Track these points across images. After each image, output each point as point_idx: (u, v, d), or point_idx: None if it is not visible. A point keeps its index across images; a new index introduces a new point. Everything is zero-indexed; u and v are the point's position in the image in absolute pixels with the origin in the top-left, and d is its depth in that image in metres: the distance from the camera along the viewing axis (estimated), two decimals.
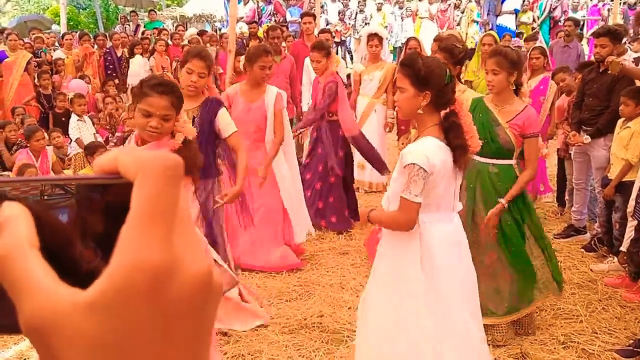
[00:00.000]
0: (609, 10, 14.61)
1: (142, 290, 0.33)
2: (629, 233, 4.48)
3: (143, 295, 0.34)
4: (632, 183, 4.57)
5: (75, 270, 0.36)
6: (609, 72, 4.89)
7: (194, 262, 0.36)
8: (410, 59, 2.75)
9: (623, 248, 4.57)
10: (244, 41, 11.48)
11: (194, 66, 3.74)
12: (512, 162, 3.67)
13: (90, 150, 6.34)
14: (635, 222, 4.29)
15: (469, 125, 2.69)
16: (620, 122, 4.92)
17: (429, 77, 2.65)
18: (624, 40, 6.37)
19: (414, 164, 2.57)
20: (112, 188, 0.38)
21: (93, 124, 7.86)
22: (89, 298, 0.33)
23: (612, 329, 3.95)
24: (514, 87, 3.72)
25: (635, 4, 14.46)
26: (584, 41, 12.00)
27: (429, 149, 2.61)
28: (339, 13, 14.76)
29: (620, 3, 11.42)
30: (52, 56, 10.13)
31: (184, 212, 0.37)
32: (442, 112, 2.72)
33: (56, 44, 11.80)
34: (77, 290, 0.34)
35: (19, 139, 6.90)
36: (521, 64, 3.80)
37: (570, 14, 14.77)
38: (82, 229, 0.38)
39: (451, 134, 2.65)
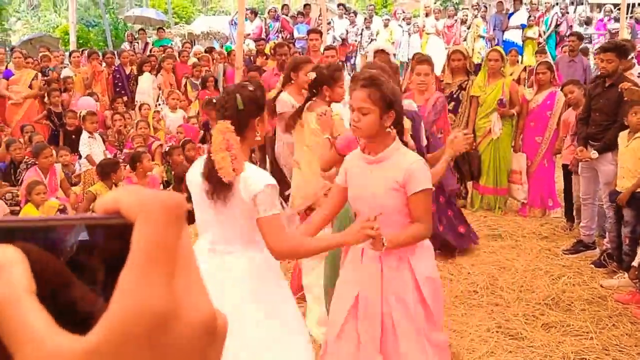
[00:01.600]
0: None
1: (142, 336, 0.33)
2: None
3: (142, 341, 0.33)
4: None
5: (73, 312, 0.36)
6: (625, 98, 4.89)
7: (196, 307, 0.35)
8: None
9: (635, 263, 4.53)
10: (252, 58, 11.56)
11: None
12: None
13: (111, 167, 6.25)
14: None
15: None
16: (624, 134, 4.89)
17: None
18: (631, 55, 6.36)
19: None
20: (114, 229, 0.37)
21: (103, 141, 7.91)
22: (87, 346, 0.33)
23: (623, 346, 3.91)
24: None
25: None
26: (590, 56, 11.99)
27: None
28: (343, 35, 14.83)
29: (627, 17, 11.43)
30: (59, 74, 10.22)
31: (186, 253, 0.36)
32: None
33: (65, 61, 11.91)
34: (75, 337, 0.34)
35: (26, 157, 6.94)
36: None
37: (577, 29, 14.80)
38: (83, 270, 0.37)
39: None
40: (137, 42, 14.70)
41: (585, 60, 9.30)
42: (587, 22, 15.16)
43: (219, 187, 2.47)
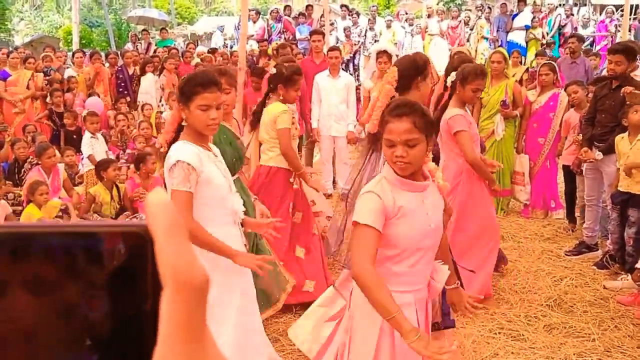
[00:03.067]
0: (616, 26, 14.59)
1: None
2: None
3: None
4: None
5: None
6: (627, 102, 4.87)
7: None
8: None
9: (637, 265, 4.52)
10: (254, 59, 11.57)
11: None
12: None
13: (103, 166, 6.39)
14: None
15: None
16: (625, 136, 4.86)
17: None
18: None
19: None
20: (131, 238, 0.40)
21: (106, 141, 7.92)
22: None
23: (625, 348, 3.90)
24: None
25: None
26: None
27: None
28: (344, 30, 14.83)
29: (630, 19, 11.40)
30: (62, 75, 10.24)
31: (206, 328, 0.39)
32: None
33: (67, 62, 11.93)
34: None
35: (30, 157, 6.96)
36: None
37: (580, 31, 14.78)
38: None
39: None
40: (140, 43, 14.72)
41: (587, 61, 9.29)
42: (584, 24, 15.13)
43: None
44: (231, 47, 16.14)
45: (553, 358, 3.77)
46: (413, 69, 3.47)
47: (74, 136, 8.34)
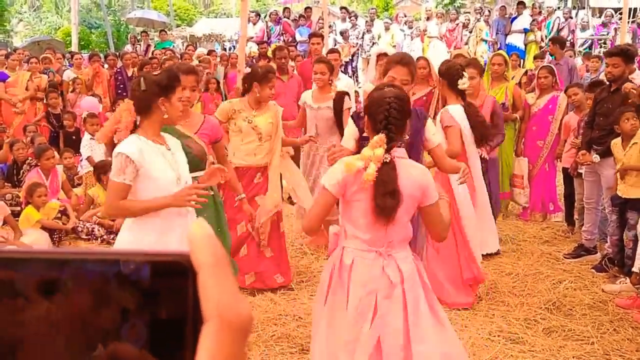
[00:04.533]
0: (615, 29, 14.62)
1: None
2: None
3: None
4: None
5: None
6: (630, 100, 4.88)
7: None
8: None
9: (635, 269, 4.52)
10: (254, 61, 11.57)
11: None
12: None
13: (102, 168, 6.37)
14: None
15: None
16: (617, 142, 4.88)
17: None
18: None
19: None
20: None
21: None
22: None
23: (624, 351, 3.90)
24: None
25: None
26: (578, 58, 12.07)
27: None
28: (342, 34, 14.83)
29: (628, 22, 11.42)
30: (61, 77, 10.24)
31: None
32: None
33: (64, 63, 11.92)
34: None
35: (29, 158, 6.95)
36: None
37: (579, 34, 14.81)
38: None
39: None
40: (139, 44, 14.72)
41: (570, 61, 9.36)
42: (583, 27, 15.16)
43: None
44: (230, 49, 16.16)
45: None
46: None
47: (73, 137, 8.34)
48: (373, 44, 14.27)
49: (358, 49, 14.95)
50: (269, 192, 4.63)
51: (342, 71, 7.73)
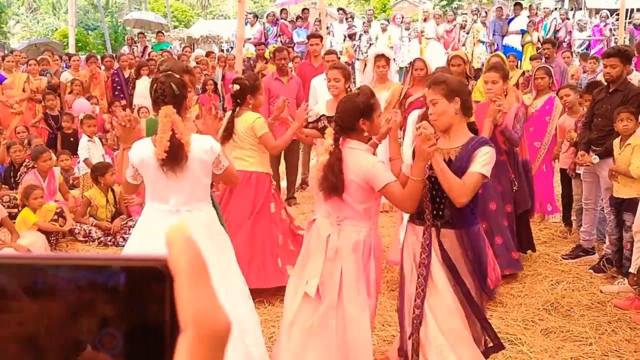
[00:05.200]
0: (611, 30, 14.64)
1: None
2: (638, 253, 4.45)
3: None
4: None
5: None
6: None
7: None
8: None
9: (633, 269, 4.53)
10: (251, 62, 11.57)
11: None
12: None
13: (100, 171, 6.38)
14: None
15: None
16: (617, 141, 4.92)
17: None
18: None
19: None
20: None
21: (102, 144, 7.91)
22: None
23: (622, 352, 3.90)
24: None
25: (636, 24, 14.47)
26: (576, 59, 12.10)
27: None
28: (349, 36, 14.87)
29: (625, 23, 11.45)
30: (58, 78, 10.22)
31: None
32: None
33: (63, 65, 11.91)
34: None
35: (26, 160, 6.94)
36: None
37: (576, 35, 14.82)
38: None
39: None
40: (137, 46, 14.71)
41: (562, 64, 9.39)
42: (580, 28, 15.18)
43: (178, 159, 2.93)
44: (228, 51, 16.15)
45: None
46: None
47: (71, 139, 8.32)
48: (370, 45, 14.28)
49: (355, 51, 14.97)
50: None
51: None
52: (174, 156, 2.92)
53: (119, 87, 10.64)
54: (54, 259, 0.39)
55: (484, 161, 2.94)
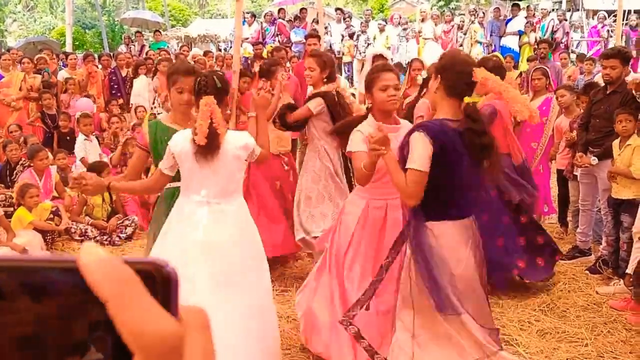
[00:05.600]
0: (608, 31, 14.66)
1: None
2: (635, 254, 4.46)
3: None
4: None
5: None
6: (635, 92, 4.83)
7: None
8: None
9: (629, 270, 4.53)
10: (249, 61, 11.55)
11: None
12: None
13: (96, 170, 6.35)
14: None
15: None
16: (616, 143, 4.93)
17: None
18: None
19: None
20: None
21: (99, 143, 7.89)
22: None
23: (618, 353, 3.91)
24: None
25: (637, 25, 14.48)
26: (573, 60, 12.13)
27: None
28: (343, 37, 14.87)
29: (623, 24, 11.44)
30: (55, 77, 10.19)
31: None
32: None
33: (60, 64, 11.88)
34: None
35: (22, 159, 6.92)
36: None
37: (573, 35, 14.85)
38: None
39: None
40: (134, 45, 14.68)
41: (557, 65, 9.41)
42: (577, 29, 15.22)
43: (212, 148, 3.01)
44: (225, 50, 16.13)
45: None
46: None
47: (68, 138, 8.30)
48: (368, 45, 14.28)
49: (354, 51, 14.97)
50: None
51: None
52: (208, 145, 2.99)
53: (116, 86, 10.62)
54: (47, 261, 0.39)
55: (412, 153, 2.83)
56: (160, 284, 0.38)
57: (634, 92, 4.78)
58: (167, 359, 0.35)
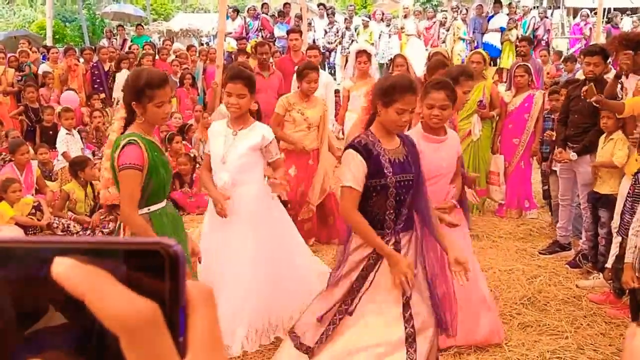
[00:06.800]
0: (591, 29, 14.82)
1: None
2: (614, 249, 4.52)
3: None
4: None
5: None
6: (587, 99, 4.86)
7: None
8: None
9: (608, 265, 4.60)
10: (233, 56, 11.51)
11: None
12: None
13: (79, 165, 6.31)
14: (620, 238, 4.33)
15: None
16: (602, 138, 5.00)
17: None
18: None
19: None
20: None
21: (81, 138, 7.82)
22: None
23: (598, 345, 3.97)
24: None
25: (617, 23, 14.67)
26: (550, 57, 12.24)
27: None
28: (326, 32, 14.86)
29: (603, 22, 11.58)
30: (37, 69, 10.08)
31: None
32: None
33: (40, 57, 11.75)
34: None
35: (2, 153, 6.84)
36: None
37: (554, 33, 14.99)
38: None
39: None
40: (116, 39, 14.55)
41: (536, 62, 9.52)
42: (559, 27, 15.39)
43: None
44: (208, 44, 16.05)
45: (527, 355, 3.83)
46: None
47: (50, 132, 8.22)
48: (352, 41, 14.29)
49: (336, 46, 14.98)
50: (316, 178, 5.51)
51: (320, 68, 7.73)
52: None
53: (98, 80, 10.53)
54: (54, 242, 0.40)
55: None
56: (169, 262, 0.40)
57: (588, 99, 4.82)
58: (146, 333, 0.38)
